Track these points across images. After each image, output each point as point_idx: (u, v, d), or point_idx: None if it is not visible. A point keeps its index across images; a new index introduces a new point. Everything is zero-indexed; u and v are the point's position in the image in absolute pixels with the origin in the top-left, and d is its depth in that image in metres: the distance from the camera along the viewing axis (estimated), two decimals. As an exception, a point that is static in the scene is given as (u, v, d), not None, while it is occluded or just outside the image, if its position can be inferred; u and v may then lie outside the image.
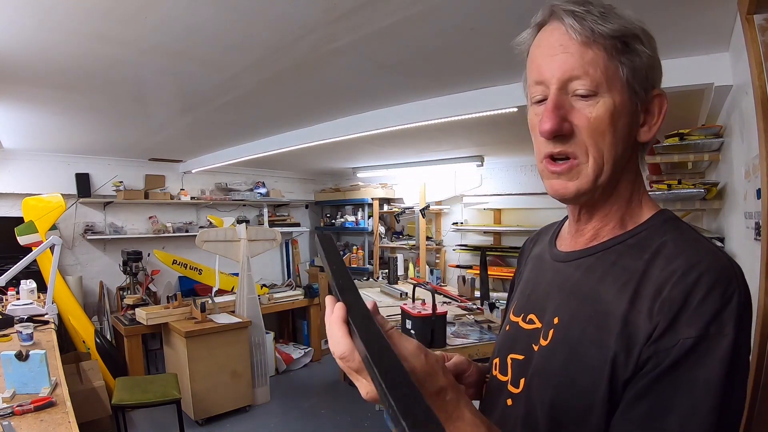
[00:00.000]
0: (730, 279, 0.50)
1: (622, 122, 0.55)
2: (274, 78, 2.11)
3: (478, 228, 4.88)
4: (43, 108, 2.59)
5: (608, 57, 0.54)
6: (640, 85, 0.55)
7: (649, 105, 0.57)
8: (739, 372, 0.48)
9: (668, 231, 0.57)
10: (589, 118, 0.55)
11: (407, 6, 1.40)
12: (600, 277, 0.58)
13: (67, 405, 1.67)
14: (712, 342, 0.48)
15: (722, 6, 1.35)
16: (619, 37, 0.53)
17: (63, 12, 1.41)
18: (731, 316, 0.48)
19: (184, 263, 4.44)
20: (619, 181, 0.59)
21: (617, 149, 0.56)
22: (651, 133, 0.58)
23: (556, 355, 0.59)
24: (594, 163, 0.56)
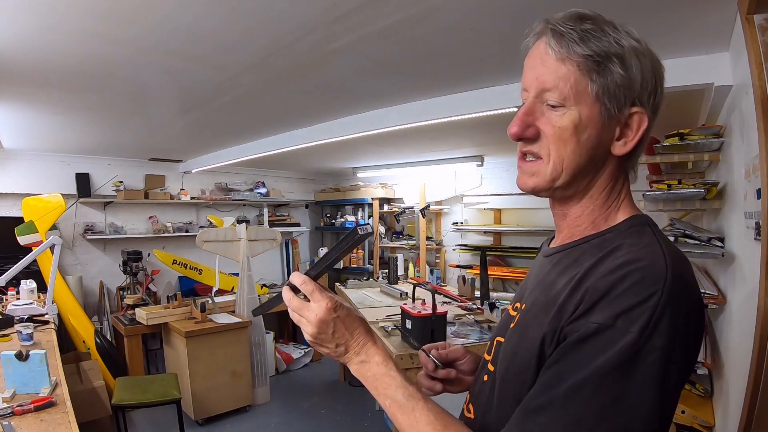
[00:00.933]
0: (656, 282, 0.52)
1: (587, 134, 0.60)
2: (274, 78, 2.11)
3: (478, 228, 4.88)
4: (43, 108, 2.59)
5: (580, 74, 0.59)
6: (612, 101, 0.59)
7: (628, 120, 0.61)
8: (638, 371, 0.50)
9: (630, 235, 0.61)
10: (554, 126, 0.61)
11: (407, 6, 1.40)
12: (561, 271, 0.64)
13: (67, 405, 1.67)
14: (615, 334, 0.51)
15: (722, 6, 1.35)
16: (592, 56, 0.58)
17: (63, 12, 1.41)
18: (642, 316, 0.50)
19: (184, 263, 4.44)
20: (590, 187, 0.65)
21: (579, 158, 0.61)
22: (626, 148, 0.62)
23: (513, 336, 0.67)
24: (552, 167, 0.63)
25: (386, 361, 0.67)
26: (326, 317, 0.66)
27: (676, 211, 2.17)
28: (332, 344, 0.68)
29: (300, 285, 0.69)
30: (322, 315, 0.66)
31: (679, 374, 0.52)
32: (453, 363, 0.87)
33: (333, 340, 0.67)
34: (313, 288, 0.68)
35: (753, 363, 1.13)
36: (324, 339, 0.67)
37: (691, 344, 0.53)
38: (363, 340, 0.68)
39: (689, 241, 1.77)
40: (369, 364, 0.67)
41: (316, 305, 0.66)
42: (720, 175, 1.92)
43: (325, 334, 0.67)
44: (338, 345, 0.68)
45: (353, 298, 3.75)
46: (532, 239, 4.63)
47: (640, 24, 1.60)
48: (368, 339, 0.69)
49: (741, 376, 1.26)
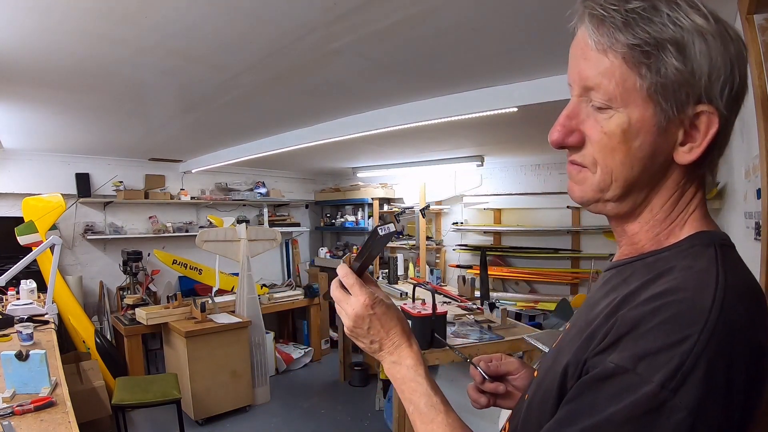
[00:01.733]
0: (695, 320, 0.42)
1: (639, 141, 0.50)
2: (274, 78, 2.11)
3: (478, 228, 4.88)
4: (43, 108, 2.59)
5: (626, 68, 0.48)
6: (669, 100, 0.47)
7: (694, 121, 0.49)
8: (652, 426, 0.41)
9: (688, 256, 0.50)
10: (602, 132, 0.51)
11: (407, 6, 1.40)
12: (608, 291, 0.56)
13: (67, 405, 1.67)
14: (633, 380, 0.42)
15: (722, 6, 1.35)
16: (639, 45, 0.46)
17: (63, 12, 1.41)
18: (669, 363, 0.41)
19: (184, 263, 4.44)
20: (649, 199, 0.55)
21: (630, 170, 0.51)
22: (692, 155, 0.50)
23: (549, 358, 0.62)
24: (600, 178, 0.54)
25: (417, 365, 0.66)
26: (362, 313, 0.66)
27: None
28: (367, 340, 0.68)
29: (342, 277, 0.69)
30: (358, 310, 0.66)
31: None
32: (505, 377, 0.81)
33: (368, 336, 0.67)
34: (353, 281, 0.67)
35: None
36: (359, 333, 0.68)
37: (736, 406, 0.41)
38: (398, 341, 0.67)
39: (689, 241, 1.77)
40: (400, 366, 0.66)
41: (354, 299, 0.67)
42: (720, 175, 1.92)
43: (360, 329, 0.67)
44: (372, 342, 0.68)
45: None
46: (532, 239, 4.63)
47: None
48: (403, 340, 0.67)
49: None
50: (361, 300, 0.66)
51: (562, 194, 4.41)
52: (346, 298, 0.68)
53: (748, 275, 0.49)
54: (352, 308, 0.67)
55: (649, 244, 0.56)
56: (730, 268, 0.47)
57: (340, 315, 0.69)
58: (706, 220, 0.56)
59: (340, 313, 0.69)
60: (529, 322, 3.96)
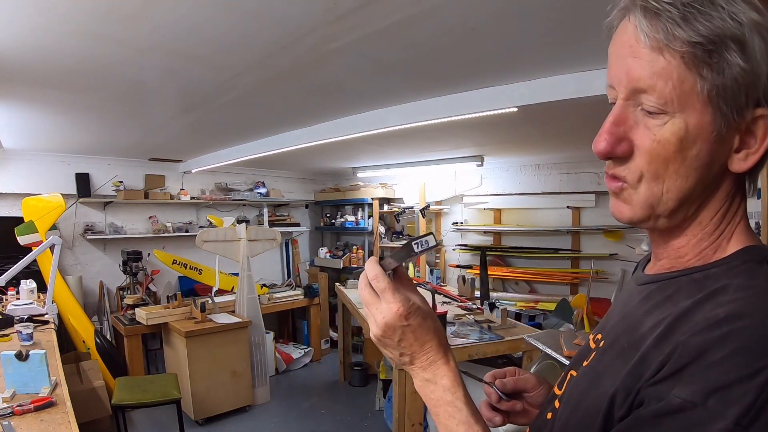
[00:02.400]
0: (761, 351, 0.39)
1: (697, 149, 0.45)
2: (274, 78, 2.11)
3: (478, 228, 4.88)
4: (43, 108, 2.59)
5: (685, 68, 0.43)
6: (729, 104, 0.43)
7: (751, 126, 0.45)
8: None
9: (741, 274, 0.47)
10: (656, 140, 0.46)
11: (407, 6, 1.40)
12: (651, 308, 0.52)
13: (67, 405, 1.67)
14: (703, 416, 0.38)
15: (722, 6, 1.35)
16: (701, 43, 0.42)
17: (63, 12, 1.41)
18: (744, 397, 0.37)
19: (184, 263, 4.44)
20: (699, 212, 0.51)
21: (685, 181, 0.47)
22: (748, 163, 0.46)
23: (584, 378, 0.57)
24: (648, 193, 0.49)
25: (455, 387, 0.59)
26: (395, 323, 0.58)
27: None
28: (396, 351, 0.60)
29: (372, 279, 0.60)
30: (390, 319, 0.58)
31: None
32: (521, 393, 0.75)
33: (398, 348, 0.60)
34: (385, 286, 0.59)
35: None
36: (388, 344, 0.60)
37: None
38: (433, 356, 0.60)
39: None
40: (435, 385, 0.59)
41: (386, 306, 0.58)
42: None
43: (390, 340, 0.59)
44: (403, 354, 0.60)
45: (353, 299, 3.75)
46: (532, 239, 4.63)
47: (640, 24, 1.59)
48: (439, 356, 0.60)
49: (741, 376, 1.26)
50: (395, 309, 0.58)
51: (562, 194, 4.41)
52: (376, 302, 0.60)
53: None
54: (383, 316, 0.58)
55: (695, 259, 0.52)
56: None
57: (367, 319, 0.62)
58: (750, 233, 0.52)
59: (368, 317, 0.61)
60: (529, 322, 3.96)
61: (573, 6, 1.40)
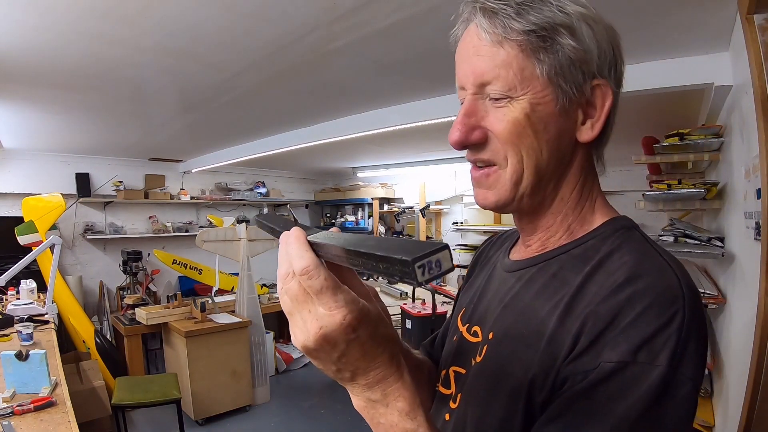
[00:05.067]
0: (674, 300, 0.43)
1: (544, 124, 0.50)
2: (274, 78, 2.11)
3: (478, 228, 4.88)
4: (43, 108, 2.59)
5: (524, 55, 0.49)
6: (568, 80, 0.49)
7: (590, 98, 0.51)
8: (670, 411, 0.41)
9: (618, 240, 0.51)
10: (505, 121, 0.50)
11: (407, 6, 1.40)
12: (538, 291, 0.53)
13: (67, 405, 1.67)
14: (639, 371, 0.41)
15: (722, 6, 1.35)
16: (535, 31, 0.48)
17: (63, 12, 1.41)
18: (667, 344, 0.41)
19: (184, 263, 4.44)
20: (558, 187, 0.55)
21: (541, 154, 0.51)
22: (594, 131, 0.52)
23: (485, 373, 0.56)
24: (512, 170, 0.52)
25: (414, 410, 0.44)
26: (336, 336, 0.40)
27: (676, 211, 2.18)
28: (332, 367, 0.43)
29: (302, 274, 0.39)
30: (331, 331, 0.39)
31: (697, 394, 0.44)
32: None
33: (336, 363, 0.42)
34: (322, 284, 0.39)
35: (753, 363, 1.13)
36: (322, 358, 0.42)
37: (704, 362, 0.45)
38: (384, 372, 0.43)
39: (689, 241, 1.77)
40: (386, 408, 0.44)
41: (325, 313, 0.39)
42: (720, 175, 1.92)
43: (326, 355, 0.42)
44: (341, 370, 0.43)
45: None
46: (532, 239, 4.64)
47: (640, 24, 1.60)
48: (391, 371, 0.43)
49: (741, 376, 1.26)
50: (338, 319, 0.39)
51: (562, 194, 4.42)
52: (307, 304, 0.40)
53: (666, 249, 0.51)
54: (320, 326, 0.39)
55: (565, 236, 0.56)
56: (659, 246, 0.51)
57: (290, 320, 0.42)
58: (609, 206, 0.58)
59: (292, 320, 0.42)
60: (529, 322, 3.95)
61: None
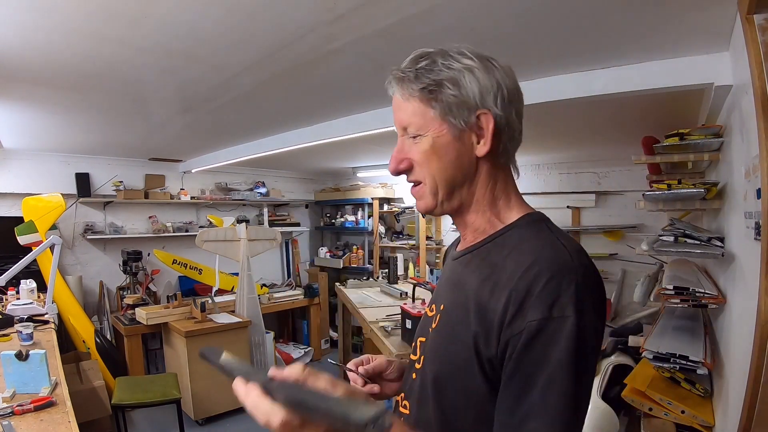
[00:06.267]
0: (567, 271, 0.60)
1: (446, 150, 0.69)
2: (274, 78, 2.11)
3: (478, 228, 4.87)
4: (43, 108, 2.59)
5: (423, 105, 0.69)
6: (456, 117, 0.67)
7: (478, 123, 0.68)
8: (585, 346, 0.57)
9: (528, 231, 0.69)
10: (419, 152, 0.70)
11: (407, 6, 1.40)
12: (472, 270, 0.70)
13: (67, 405, 1.67)
14: (556, 323, 0.57)
15: (722, 6, 1.35)
16: (426, 87, 0.67)
17: (63, 12, 1.41)
18: (570, 300, 0.58)
19: (184, 263, 4.44)
20: (472, 192, 0.72)
21: (446, 171, 0.70)
22: (486, 147, 0.69)
23: (440, 335, 0.72)
24: (429, 185, 0.71)
25: None
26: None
27: (676, 211, 2.17)
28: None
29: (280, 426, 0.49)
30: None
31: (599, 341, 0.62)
32: (380, 375, 0.89)
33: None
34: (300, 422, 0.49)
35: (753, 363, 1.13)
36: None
37: (604, 316, 0.64)
38: None
39: (689, 241, 1.77)
40: None
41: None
42: (720, 175, 1.92)
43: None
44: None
45: (353, 299, 3.75)
46: (532, 239, 4.64)
47: (640, 24, 1.59)
48: None
49: (741, 376, 1.26)
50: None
51: (562, 194, 4.41)
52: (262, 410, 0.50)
53: (569, 236, 0.68)
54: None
55: (489, 228, 0.73)
56: (561, 234, 0.67)
57: None
58: (525, 203, 0.75)
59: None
60: (529, 322, 3.95)
61: (573, 6, 1.40)
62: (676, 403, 1.67)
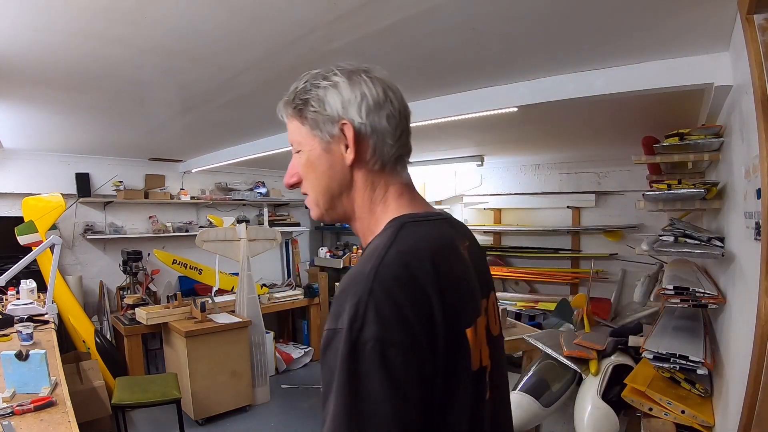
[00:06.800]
0: (356, 284, 0.60)
1: (318, 162, 0.74)
2: (274, 78, 2.11)
3: (478, 228, 4.88)
4: (43, 108, 2.59)
5: (298, 122, 0.76)
6: (322, 131, 0.73)
7: (343, 134, 0.72)
8: (358, 360, 0.56)
9: (377, 239, 0.69)
10: (301, 166, 0.77)
11: (407, 6, 1.40)
12: None
13: (67, 405, 1.67)
14: (337, 334, 0.58)
15: (722, 6, 1.35)
16: (296, 107, 0.75)
17: (63, 11, 1.41)
18: (347, 313, 0.58)
19: (184, 263, 4.44)
20: (351, 200, 0.76)
21: (321, 181, 0.75)
22: (352, 154, 0.72)
23: None
24: (312, 196, 0.77)
25: None
26: None
27: (676, 210, 2.18)
28: None
29: None
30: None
31: (405, 356, 0.56)
32: None
33: None
34: None
35: (753, 363, 1.13)
36: None
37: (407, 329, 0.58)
38: None
39: (689, 241, 1.77)
40: None
41: None
42: (720, 175, 1.92)
43: None
44: None
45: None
46: (532, 239, 4.64)
47: (641, 24, 1.59)
48: None
49: (741, 376, 1.26)
50: None
51: (562, 194, 4.41)
52: None
53: (418, 242, 0.66)
54: None
55: (368, 235, 0.75)
56: (401, 239, 0.66)
57: None
58: (403, 208, 0.74)
59: None
60: (529, 321, 3.96)
61: (573, 6, 1.40)
62: (676, 403, 1.67)
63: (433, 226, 0.72)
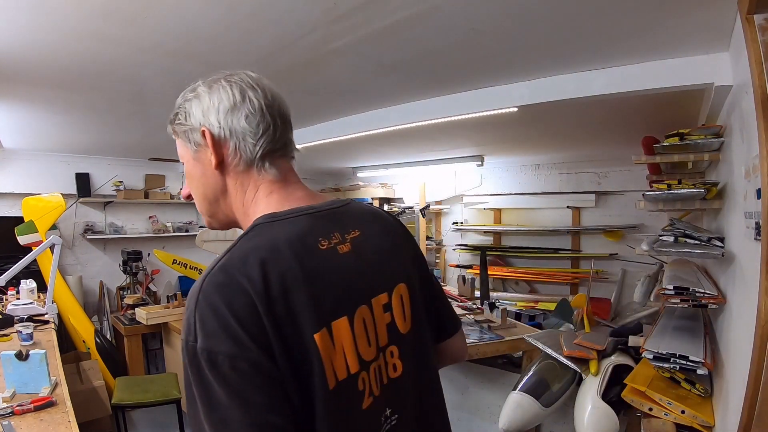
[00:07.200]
0: (190, 295, 0.62)
1: (194, 171, 0.78)
2: (273, 78, 2.08)
3: (478, 228, 4.88)
4: (43, 108, 2.59)
5: (177, 137, 0.80)
6: (190, 140, 0.76)
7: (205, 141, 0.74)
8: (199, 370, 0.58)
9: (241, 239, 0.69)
10: (186, 178, 0.81)
11: (407, 6, 1.40)
12: None
13: (67, 405, 1.67)
14: (184, 345, 0.60)
15: (722, 6, 1.35)
16: (171, 123, 0.80)
17: (63, 12, 1.41)
18: (184, 325, 0.60)
19: (184, 263, 4.44)
20: (228, 204, 0.78)
21: (200, 189, 0.79)
22: (215, 159, 0.74)
23: None
24: (198, 205, 0.82)
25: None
26: None
27: (676, 211, 2.17)
28: None
29: None
30: None
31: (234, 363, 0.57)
32: None
33: None
34: None
35: (753, 363, 1.13)
36: None
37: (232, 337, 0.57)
38: None
39: (689, 241, 1.77)
40: None
41: None
42: (720, 175, 1.92)
43: None
44: None
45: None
46: (532, 239, 4.64)
47: (641, 25, 1.59)
48: None
49: (741, 376, 1.26)
50: None
51: (562, 194, 4.41)
52: None
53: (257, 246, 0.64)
54: None
55: None
56: (242, 244, 0.66)
57: None
58: (272, 206, 0.73)
59: None
60: (529, 322, 3.96)
61: (573, 6, 1.40)
62: (676, 403, 1.67)
63: (289, 224, 0.68)
